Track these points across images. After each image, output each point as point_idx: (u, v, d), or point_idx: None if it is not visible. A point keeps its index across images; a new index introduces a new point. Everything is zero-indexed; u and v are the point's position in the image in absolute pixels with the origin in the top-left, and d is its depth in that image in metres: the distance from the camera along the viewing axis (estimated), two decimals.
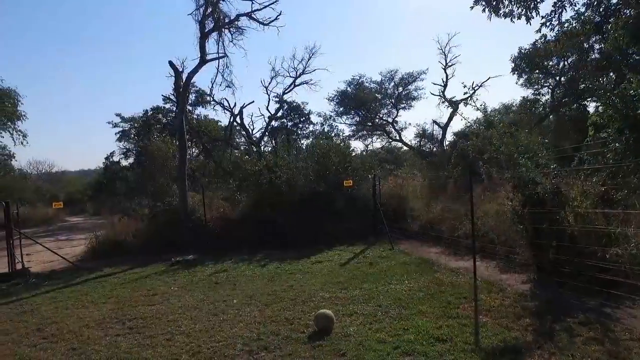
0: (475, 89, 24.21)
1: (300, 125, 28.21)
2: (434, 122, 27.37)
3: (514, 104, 25.29)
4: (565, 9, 11.07)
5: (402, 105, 28.82)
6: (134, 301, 6.97)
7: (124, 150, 27.69)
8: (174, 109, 25.82)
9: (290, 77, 25.64)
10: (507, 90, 63.34)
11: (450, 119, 25.78)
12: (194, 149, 27.00)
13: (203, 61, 12.50)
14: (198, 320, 5.77)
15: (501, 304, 5.65)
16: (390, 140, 30.91)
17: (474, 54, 60.33)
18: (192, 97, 25.27)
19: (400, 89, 28.12)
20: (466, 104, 24.14)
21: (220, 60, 13.22)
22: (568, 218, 6.21)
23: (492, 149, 7.34)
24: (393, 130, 29.41)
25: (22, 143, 19.47)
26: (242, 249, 10.87)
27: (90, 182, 35.41)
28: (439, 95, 26.17)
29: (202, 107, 26.67)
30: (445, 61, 25.37)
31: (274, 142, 27.65)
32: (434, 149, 27.65)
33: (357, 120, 29.47)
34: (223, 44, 13.08)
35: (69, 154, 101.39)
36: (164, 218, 11.86)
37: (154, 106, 26.75)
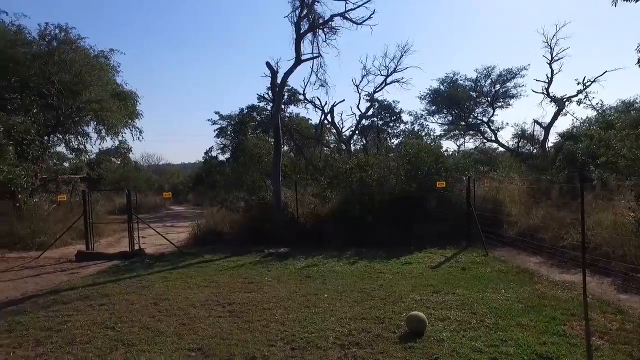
0: (587, 84, 21.90)
1: (391, 124, 27.90)
2: (535, 121, 25.33)
3: (637, 101, 22.31)
4: None
5: (499, 104, 27.13)
6: (232, 287, 7.49)
7: (221, 146, 29.81)
8: (268, 107, 27.14)
9: (382, 75, 25.53)
10: (627, 86, 55.97)
11: (554, 118, 23.65)
12: (285, 146, 28.10)
13: (298, 61, 12.94)
14: (291, 311, 6.03)
15: (621, 327, 5.07)
16: (484, 140, 29.28)
17: (585, 46, 54.52)
18: (284, 95, 26.31)
19: (498, 86, 26.49)
20: (579, 102, 21.93)
21: (315, 59, 13.54)
22: None
23: (610, 152, 6.59)
24: (488, 130, 27.82)
25: (138, 138, 21.93)
26: (331, 245, 11.10)
27: (191, 174, 38.65)
28: (542, 93, 24.13)
29: (294, 105, 27.71)
30: (551, 55, 23.34)
31: (364, 140, 27.73)
32: (534, 151, 25.59)
33: (450, 119, 28.33)
34: (317, 44, 13.41)
35: (172, 149, 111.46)
36: (258, 211, 12.54)
37: (249, 105, 28.43)
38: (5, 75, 14.53)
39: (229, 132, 29.69)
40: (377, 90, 25.51)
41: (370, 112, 27.37)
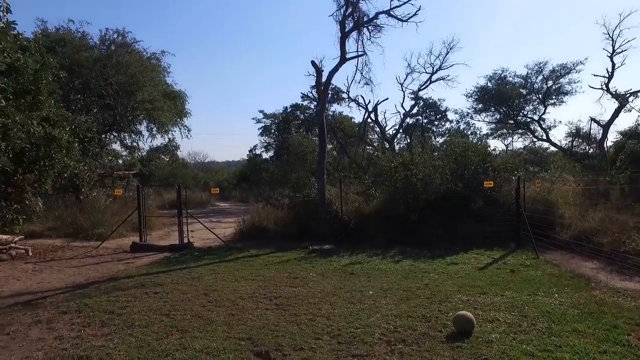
0: None
1: (436, 123, 27.35)
2: (592, 119, 23.93)
3: None
4: None
5: (551, 101, 25.87)
6: (278, 281, 7.67)
7: (265, 144, 30.39)
8: (312, 105, 27.39)
9: (426, 73, 25.07)
10: None
11: (615, 115, 22.23)
12: (328, 145, 28.26)
13: (343, 60, 12.99)
14: (337, 306, 6.10)
15: None
16: (534, 139, 28.02)
17: None
18: (328, 94, 26.46)
19: (550, 82, 25.25)
20: None
21: (359, 58, 13.54)
22: None
23: None
24: (539, 128, 26.60)
25: (187, 136, 22.83)
26: (374, 243, 11.08)
27: (235, 172, 39.67)
28: (601, 88, 22.75)
29: (338, 104, 27.78)
30: (612, 47, 21.93)
31: (407, 139, 27.36)
32: (590, 151, 24.20)
33: (497, 117, 27.33)
34: (362, 42, 13.41)
35: (217, 147, 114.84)
36: (302, 208, 12.71)
37: (293, 103, 28.80)
38: (71, 78, 15.60)
39: (272, 131, 30.23)
40: (421, 88, 25.17)
41: (414, 111, 27.04)
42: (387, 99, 42.32)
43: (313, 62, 13.23)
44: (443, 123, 27.38)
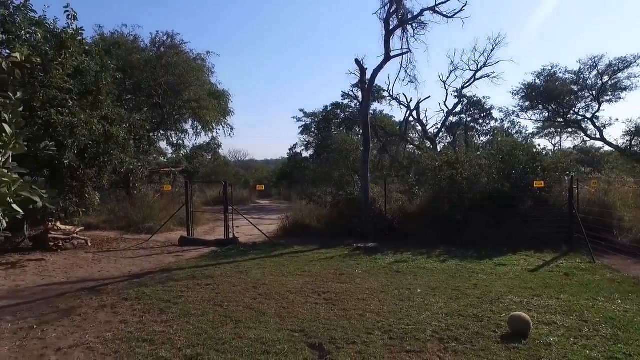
0: None
1: (481, 121, 26.56)
2: None
3: None
4: None
5: (607, 98, 24.43)
6: (325, 277, 7.75)
7: (305, 142, 30.65)
8: (352, 104, 27.37)
9: (470, 70, 24.38)
10: None
11: None
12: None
13: (387, 57, 12.92)
14: (386, 303, 6.11)
15: None
16: (586, 138, 26.64)
17: None
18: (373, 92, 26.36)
19: (606, 78, 23.83)
20: None
21: (404, 55, 13.42)
22: None
23: None
24: (592, 127, 25.23)
25: (229, 135, 23.41)
26: (418, 242, 10.97)
27: (274, 170, 40.24)
28: None
29: (379, 102, 27.60)
30: None
31: (450, 137, 26.79)
32: None
33: (546, 116, 26.16)
34: (407, 39, 13.28)
35: (256, 145, 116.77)
36: (345, 206, 12.76)
37: (333, 102, 28.86)
38: (124, 79, 16.43)
39: (312, 130, 30.43)
40: (465, 85, 24.48)
41: (458, 109, 26.35)
42: (429, 97, 41.43)
43: (357, 60, 13.26)
44: (488, 121, 26.62)
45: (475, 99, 26.34)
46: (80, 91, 9.36)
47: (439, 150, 22.39)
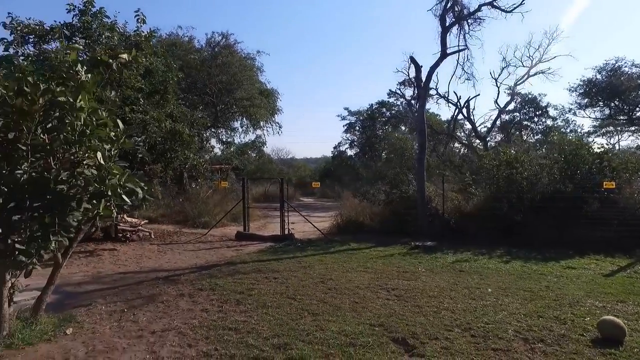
0: None
1: (536, 119, 25.45)
2: None
3: None
4: None
5: None
6: (389, 274, 7.75)
7: (350, 141, 30.63)
8: (398, 102, 27.09)
9: (524, 66, 23.37)
10: None
11: None
12: (414, 143, 27.77)
13: (444, 55, 12.72)
14: (458, 301, 6.05)
15: None
16: None
17: None
18: (414, 91, 25.99)
19: None
20: None
21: (460, 53, 13.17)
22: None
23: None
24: None
25: (278, 133, 23.77)
26: (476, 241, 10.76)
27: (317, 168, 40.48)
28: None
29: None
30: None
31: (499, 136, 25.93)
32: None
33: (607, 113, 24.68)
34: (464, 36, 13.02)
35: (296, 144, 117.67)
36: (400, 204, 12.68)
37: (379, 100, 28.65)
38: (182, 78, 17.10)
39: (357, 128, 30.36)
40: (518, 82, 23.47)
41: (511, 107, 25.29)
42: (479, 95, 39.94)
43: (412, 58, 13.15)
44: (544, 119, 25.43)
45: (530, 96, 25.42)
46: (150, 90, 9.84)
47: (489, 149, 21.78)
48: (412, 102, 25.27)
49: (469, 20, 13.90)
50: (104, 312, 5.62)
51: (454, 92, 24.13)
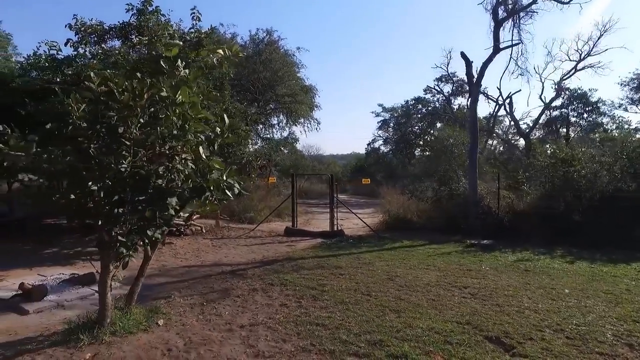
0: None
1: (585, 116, 24.45)
2: None
3: None
4: None
5: None
6: (454, 272, 7.63)
7: (384, 138, 30.34)
8: (434, 99, 26.61)
9: (571, 60, 22.37)
10: None
11: None
12: (451, 139, 27.27)
13: (497, 50, 12.42)
14: (538, 301, 5.89)
15: None
16: None
17: None
18: (452, 87, 25.59)
19: None
20: None
21: (513, 47, 12.84)
22: None
23: None
24: None
25: (316, 129, 23.75)
26: (532, 240, 10.52)
27: (347, 164, 40.32)
28: None
29: (462, 97, 26.56)
30: None
31: (540, 133, 25.10)
32: None
33: None
34: (519, 30, 12.67)
35: (326, 140, 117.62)
36: (449, 202, 12.49)
37: (414, 97, 28.23)
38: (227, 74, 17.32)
39: (391, 124, 30.05)
40: (564, 77, 22.54)
41: (557, 102, 24.26)
42: (520, 90, 38.31)
43: (462, 54, 12.87)
44: (594, 116, 24.34)
45: (580, 91, 24.36)
46: (212, 86, 9.98)
47: (531, 146, 21.15)
48: (451, 98, 24.86)
49: (521, 14, 13.56)
50: (184, 305, 5.73)
51: (497, 87, 23.19)
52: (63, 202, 4.37)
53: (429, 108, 27.31)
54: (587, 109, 23.83)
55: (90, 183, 4.19)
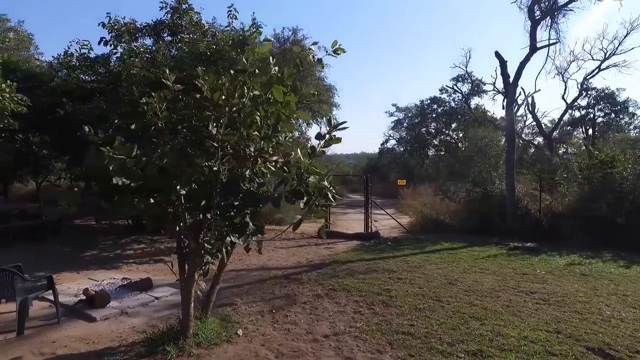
0: None
1: (612, 116, 24.12)
2: None
3: None
4: None
5: None
6: (510, 276, 7.44)
7: (397, 138, 30.11)
8: (449, 98, 26.37)
9: (594, 60, 21.90)
10: None
11: None
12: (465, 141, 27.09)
13: (533, 49, 12.22)
14: (619, 309, 5.67)
15: None
16: None
17: None
18: (468, 86, 25.34)
19: None
20: None
21: (551, 46, 12.66)
22: None
23: None
24: None
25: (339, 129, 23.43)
26: (573, 243, 10.43)
27: (357, 164, 40.12)
28: None
29: (478, 97, 26.31)
30: None
31: (560, 133, 24.85)
32: None
33: None
34: (557, 29, 12.48)
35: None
36: (482, 203, 12.31)
37: (430, 96, 27.98)
38: None
39: (405, 124, 29.83)
40: (588, 77, 22.12)
41: (584, 103, 23.89)
42: (539, 90, 37.63)
43: (497, 53, 12.67)
44: (622, 116, 24.01)
45: (607, 91, 23.93)
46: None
47: (553, 147, 20.98)
48: (469, 98, 24.61)
49: (556, 12, 13.36)
50: (252, 313, 5.53)
51: (521, 87, 22.75)
52: (144, 207, 4.20)
53: (445, 108, 27.10)
54: (614, 108, 23.55)
55: (178, 187, 4.02)
